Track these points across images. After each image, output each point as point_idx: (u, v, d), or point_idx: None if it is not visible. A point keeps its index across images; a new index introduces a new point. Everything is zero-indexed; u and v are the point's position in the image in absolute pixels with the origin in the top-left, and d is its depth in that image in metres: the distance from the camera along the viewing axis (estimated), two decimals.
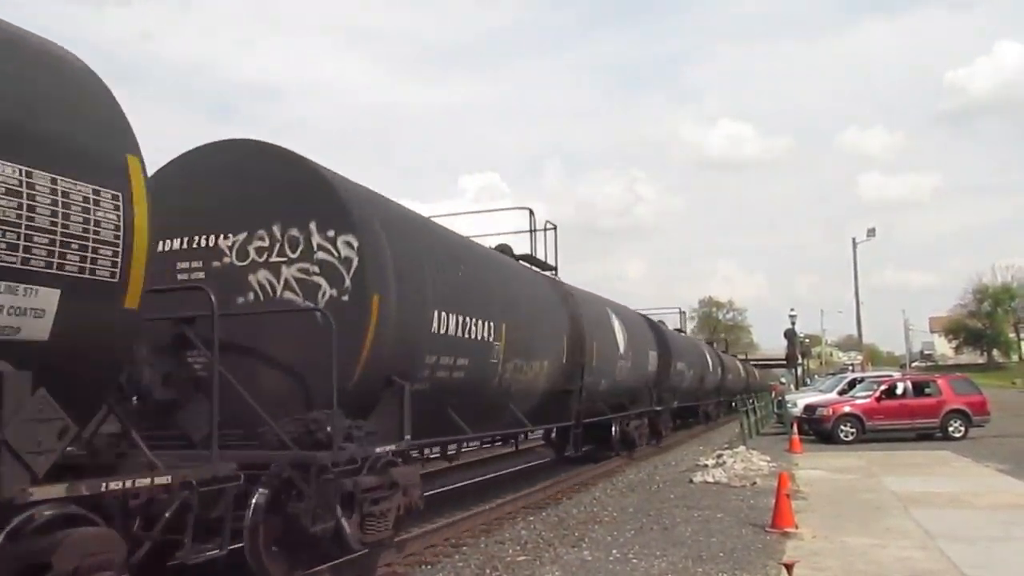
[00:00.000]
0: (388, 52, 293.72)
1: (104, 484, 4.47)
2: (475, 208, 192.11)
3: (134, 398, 6.21)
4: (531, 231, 14.86)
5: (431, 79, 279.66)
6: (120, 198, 4.60)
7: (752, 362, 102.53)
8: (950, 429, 21.27)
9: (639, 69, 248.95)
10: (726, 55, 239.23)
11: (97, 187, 4.48)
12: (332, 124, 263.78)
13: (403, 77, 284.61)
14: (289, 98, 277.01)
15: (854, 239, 48.04)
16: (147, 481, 4.80)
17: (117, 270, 4.54)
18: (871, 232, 48.70)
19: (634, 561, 8.11)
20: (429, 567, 8.19)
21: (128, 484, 4.66)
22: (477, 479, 15.44)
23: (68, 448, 4.47)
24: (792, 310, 50.63)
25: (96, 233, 4.42)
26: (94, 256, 4.40)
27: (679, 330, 33.98)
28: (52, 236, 4.17)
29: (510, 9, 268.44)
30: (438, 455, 11.18)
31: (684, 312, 36.64)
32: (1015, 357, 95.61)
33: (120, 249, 4.55)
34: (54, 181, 4.22)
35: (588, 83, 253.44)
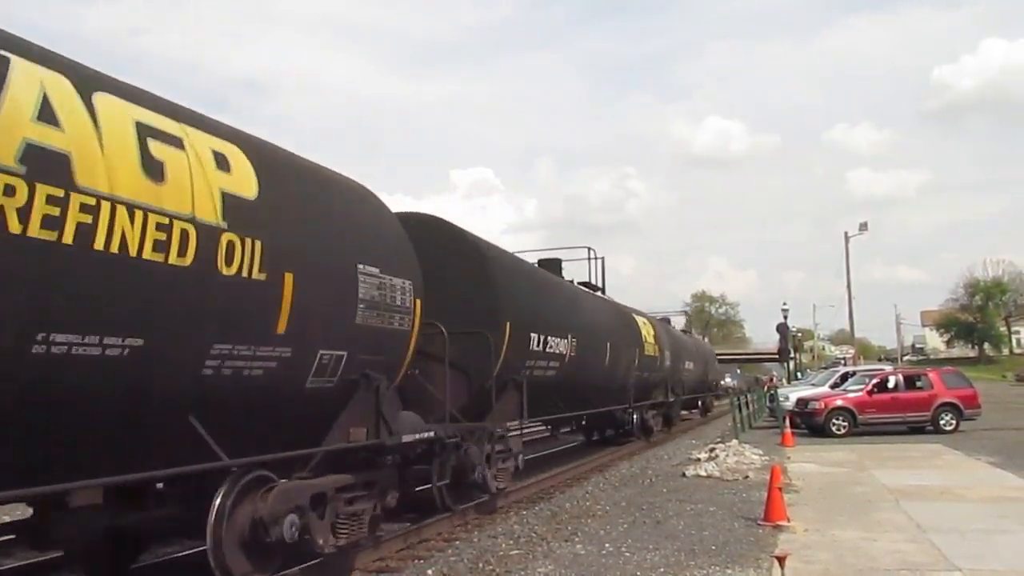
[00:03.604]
0: (378, 47, 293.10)
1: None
2: (467, 201, 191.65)
3: None
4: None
5: (421, 75, 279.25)
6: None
7: (745, 356, 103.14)
8: (941, 422, 21.34)
9: (628, 66, 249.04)
10: (715, 53, 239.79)
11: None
12: (323, 118, 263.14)
13: (393, 72, 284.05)
14: (280, 93, 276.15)
15: (846, 233, 48.22)
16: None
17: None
18: (863, 226, 48.84)
19: (627, 555, 8.12)
20: (421, 561, 8.18)
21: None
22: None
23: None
24: (784, 304, 50.80)
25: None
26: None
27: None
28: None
29: (500, 6, 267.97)
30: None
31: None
32: (1006, 351, 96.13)
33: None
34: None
35: (578, 80, 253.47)
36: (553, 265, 16.72)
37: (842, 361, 53.80)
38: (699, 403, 34.90)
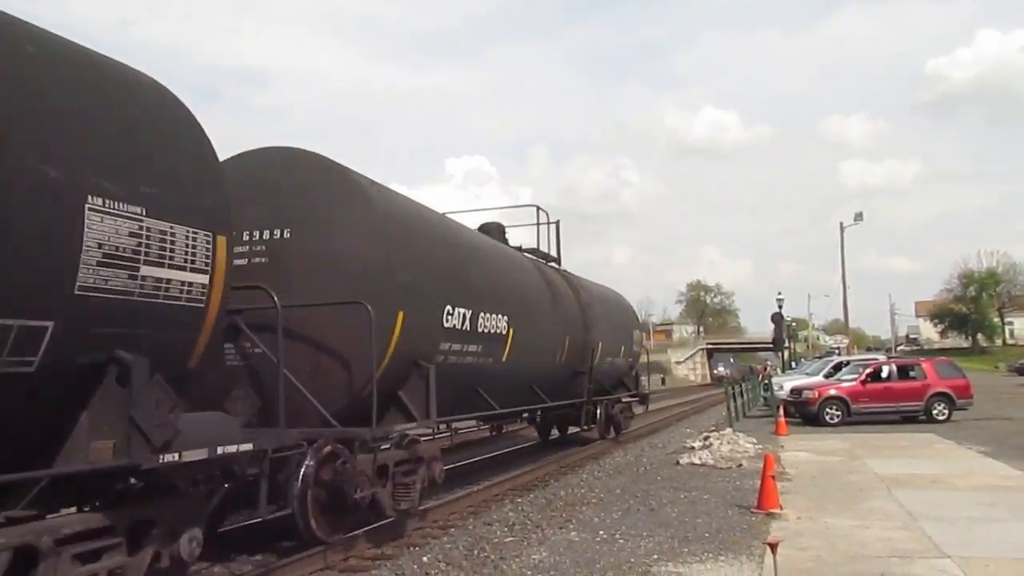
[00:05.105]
0: (373, 38, 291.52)
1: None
2: (462, 191, 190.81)
3: None
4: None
5: (416, 65, 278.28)
6: None
7: (739, 345, 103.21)
8: (934, 412, 21.44)
9: (623, 56, 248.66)
10: (709, 43, 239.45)
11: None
12: (318, 109, 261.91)
13: (388, 63, 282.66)
14: (275, 83, 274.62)
15: (841, 223, 48.16)
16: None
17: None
18: (858, 216, 48.81)
19: (621, 541, 8.19)
20: (417, 548, 8.23)
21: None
22: (466, 461, 15.50)
23: None
24: (780, 294, 50.77)
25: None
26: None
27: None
28: None
29: None
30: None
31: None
32: (999, 341, 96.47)
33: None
34: None
35: (573, 69, 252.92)
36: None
37: (836, 351, 53.89)
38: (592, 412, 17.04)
